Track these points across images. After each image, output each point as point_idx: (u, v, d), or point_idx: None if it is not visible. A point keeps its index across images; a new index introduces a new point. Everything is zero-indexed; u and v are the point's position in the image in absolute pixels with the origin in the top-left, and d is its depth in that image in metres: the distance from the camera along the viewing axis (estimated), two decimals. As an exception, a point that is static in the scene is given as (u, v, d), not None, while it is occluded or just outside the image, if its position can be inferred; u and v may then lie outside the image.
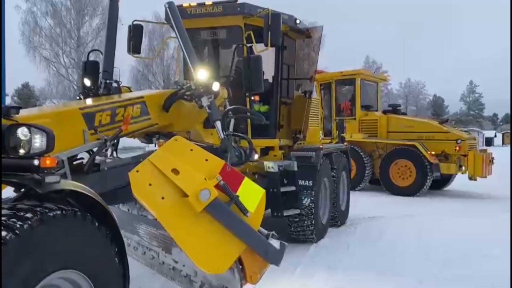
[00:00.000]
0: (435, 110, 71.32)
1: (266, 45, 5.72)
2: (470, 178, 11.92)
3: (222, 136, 4.44)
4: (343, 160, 8.37)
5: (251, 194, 3.38)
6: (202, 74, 4.52)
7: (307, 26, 7.60)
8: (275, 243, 3.45)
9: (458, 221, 8.68)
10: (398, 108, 14.25)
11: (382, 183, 12.55)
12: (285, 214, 6.35)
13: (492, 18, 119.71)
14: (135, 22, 6.21)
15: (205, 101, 4.49)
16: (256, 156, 5.71)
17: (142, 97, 4.34)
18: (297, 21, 7.02)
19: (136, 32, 6.22)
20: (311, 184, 6.67)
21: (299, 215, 6.62)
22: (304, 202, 6.59)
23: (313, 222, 6.73)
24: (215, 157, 3.41)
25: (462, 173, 12.03)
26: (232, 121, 4.66)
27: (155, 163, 3.21)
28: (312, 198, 6.66)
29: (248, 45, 6.02)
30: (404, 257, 6.17)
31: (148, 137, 4.77)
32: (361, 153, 12.66)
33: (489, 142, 35.17)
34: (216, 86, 4.54)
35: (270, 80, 6.90)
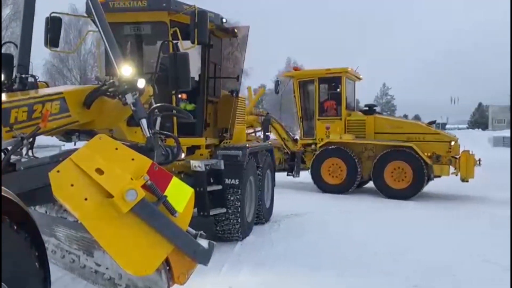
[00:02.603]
0: (352, 110, 74.36)
1: (193, 43, 5.68)
2: (463, 180, 11.62)
3: (148, 135, 4.32)
4: (268, 159, 8.51)
5: (180, 194, 3.33)
6: (126, 70, 4.37)
7: (233, 25, 7.63)
8: (204, 242, 3.43)
9: (386, 217, 9.17)
10: (374, 108, 13.46)
11: (376, 186, 11.97)
12: (211, 213, 6.34)
13: (411, 23, 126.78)
14: (53, 14, 5.88)
15: (129, 98, 4.35)
16: (182, 155, 5.64)
17: (61, 93, 4.13)
18: (224, 20, 7.03)
19: (54, 24, 5.89)
20: (237, 182, 6.70)
21: (225, 214, 6.63)
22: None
23: (239, 220, 6.78)
24: (142, 156, 3.32)
25: (456, 175, 11.79)
26: (159, 119, 4.56)
27: (77, 162, 3.07)
28: (239, 197, 6.70)
29: (174, 42, 5.93)
30: (327, 252, 6.39)
31: (67, 135, 4.55)
32: (353, 155, 12.11)
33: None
34: (141, 83, 4.40)
35: (196, 78, 6.85)
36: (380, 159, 11.83)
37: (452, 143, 11.80)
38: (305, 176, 13.25)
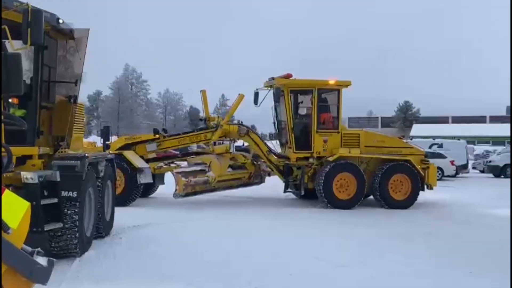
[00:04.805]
0: (191, 120, 75.29)
1: (25, 43, 5.24)
2: (431, 188, 12.90)
3: (-28, 143, 3.83)
4: (108, 169, 8.13)
5: (13, 208, 3.03)
6: None
7: (70, 27, 7.17)
8: (42, 260, 3.15)
9: (230, 223, 9.48)
10: None
11: (381, 198, 12.24)
12: (46, 228, 5.82)
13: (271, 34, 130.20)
14: None
15: None
16: (12, 166, 5.10)
17: None
18: (60, 21, 6.58)
19: None
20: (75, 195, 6.28)
21: (61, 229, 6.16)
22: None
23: (77, 235, 6.35)
24: (-32, 167, 2.94)
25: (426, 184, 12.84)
26: (-15, 126, 4.07)
27: None
28: (76, 210, 6.28)
29: (3, 41, 5.36)
30: (172, 262, 6.37)
31: None
32: (361, 169, 12.13)
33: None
34: None
35: (28, 81, 6.26)
36: (385, 172, 12.26)
37: (427, 156, 13.21)
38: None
